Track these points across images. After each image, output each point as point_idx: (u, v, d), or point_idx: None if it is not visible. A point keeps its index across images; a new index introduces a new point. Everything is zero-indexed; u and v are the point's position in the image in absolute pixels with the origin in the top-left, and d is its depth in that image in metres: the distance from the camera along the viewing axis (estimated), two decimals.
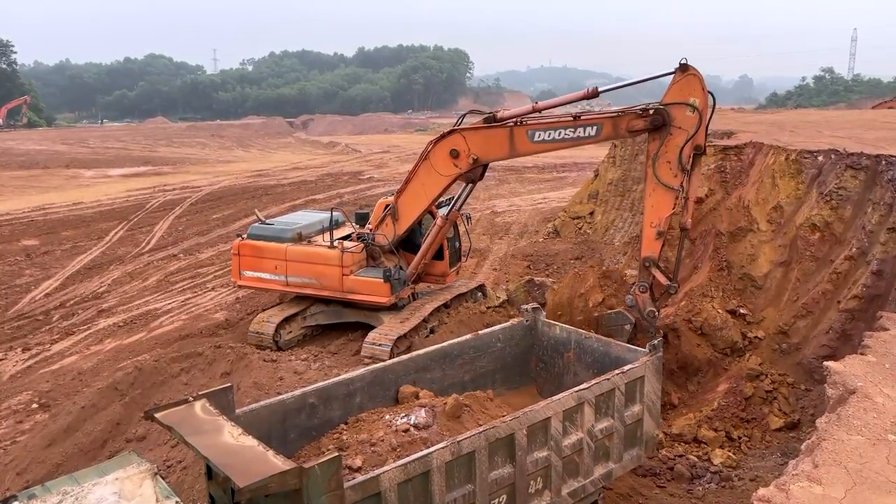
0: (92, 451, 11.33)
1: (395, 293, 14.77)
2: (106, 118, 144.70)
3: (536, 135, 11.98)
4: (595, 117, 11.62)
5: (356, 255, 14.94)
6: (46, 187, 43.57)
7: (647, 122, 10.94)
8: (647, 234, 11.33)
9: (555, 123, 11.85)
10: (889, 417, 5.74)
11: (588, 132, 11.54)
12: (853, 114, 32.75)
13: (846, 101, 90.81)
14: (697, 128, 10.66)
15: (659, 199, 11.14)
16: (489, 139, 12.65)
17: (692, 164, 10.88)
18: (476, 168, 13.29)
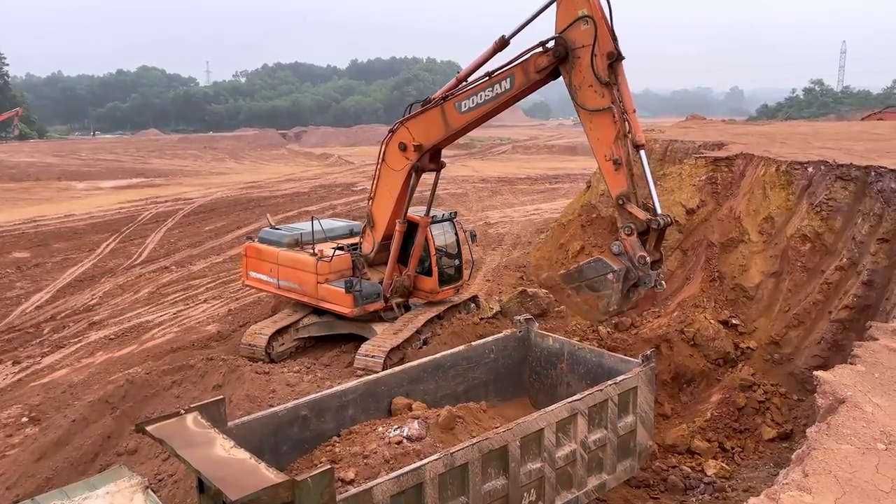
0: (82, 465, 11.25)
1: (359, 305, 14.63)
2: (98, 130, 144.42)
3: (463, 105, 11.97)
4: (505, 69, 11.21)
5: (332, 264, 15.00)
6: (38, 199, 43.43)
7: (551, 56, 10.33)
8: (605, 169, 10.14)
9: (475, 88, 11.75)
10: (878, 426, 5.77)
11: (504, 86, 11.29)
12: (843, 125, 33.02)
13: (836, 113, 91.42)
14: (596, 34, 9.79)
15: (597, 126, 10.04)
16: (426, 122, 12.75)
17: (614, 74, 9.92)
18: (424, 157, 13.26)
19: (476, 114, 11.93)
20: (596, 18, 9.80)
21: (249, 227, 33.59)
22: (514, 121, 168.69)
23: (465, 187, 46.25)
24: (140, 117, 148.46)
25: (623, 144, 9.77)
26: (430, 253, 15.24)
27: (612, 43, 9.83)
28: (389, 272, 15.01)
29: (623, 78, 10.00)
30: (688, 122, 35.43)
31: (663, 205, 15.57)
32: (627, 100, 9.96)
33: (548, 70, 10.62)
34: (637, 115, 10.04)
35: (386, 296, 15.17)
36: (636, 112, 10.03)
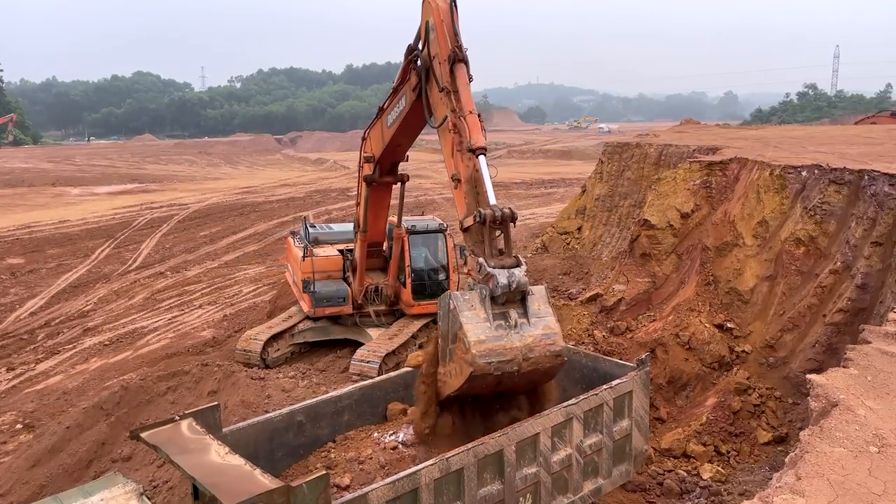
0: (77, 472, 11.21)
1: (316, 306, 15.12)
2: (93, 136, 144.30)
3: (389, 119, 11.75)
4: (399, 86, 10.80)
5: (317, 263, 15.23)
6: (32, 205, 43.32)
7: (417, 73, 9.64)
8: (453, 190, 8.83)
9: (392, 102, 11.39)
10: (870, 429, 5.79)
11: (402, 102, 10.87)
12: (836, 129, 33.17)
13: (829, 117, 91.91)
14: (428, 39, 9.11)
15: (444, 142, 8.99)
16: (375, 133, 12.74)
17: (453, 78, 8.81)
18: (376, 169, 13.27)
19: (396, 128, 11.49)
20: (436, 22, 9.00)
21: (245, 233, 33.58)
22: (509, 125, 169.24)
23: None
24: (135, 123, 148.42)
25: (463, 158, 8.36)
26: (405, 264, 15.12)
27: (451, 44, 8.83)
28: (359, 279, 15.16)
29: (462, 80, 8.77)
30: (682, 127, 35.55)
31: (658, 209, 15.71)
32: (465, 101, 8.66)
33: (418, 89, 9.72)
34: (475, 117, 8.58)
35: (358, 302, 15.26)
36: (474, 114, 8.64)
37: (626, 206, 22.44)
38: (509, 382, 7.39)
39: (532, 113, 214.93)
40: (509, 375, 7.22)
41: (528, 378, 7.47)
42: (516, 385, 7.58)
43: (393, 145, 12.32)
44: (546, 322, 7.42)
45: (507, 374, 7.19)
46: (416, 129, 11.59)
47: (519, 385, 7.62)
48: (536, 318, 7.39)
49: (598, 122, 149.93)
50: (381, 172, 13.46)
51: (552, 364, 7.44)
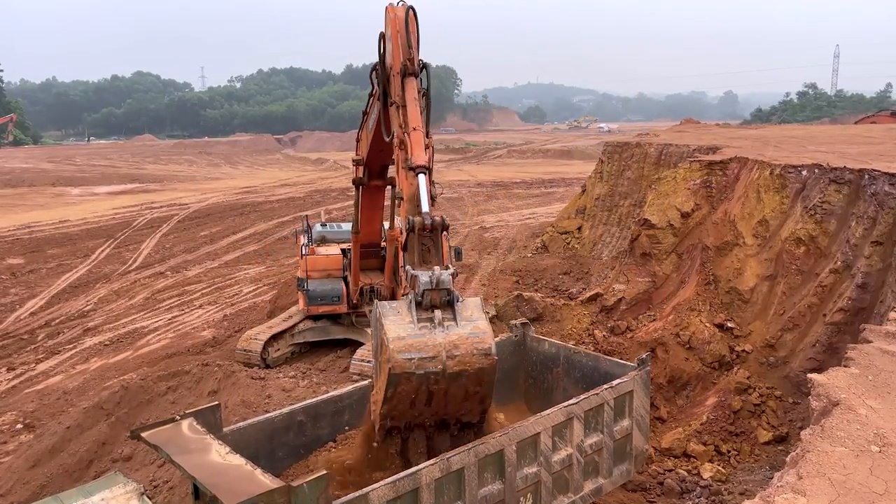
0: (77, 472, 11.21)
1: (310, 304, 15.23)
2: (93, 136, 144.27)
3: (369, 124, 11.60)
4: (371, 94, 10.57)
5: (311, 262, 15.28)
6: (32, 205, 43.33)
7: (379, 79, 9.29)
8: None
9: (370, 109, 11.27)
10: (872, 429, 5.78)
11: (374, 110, 10.59)
12: (836, 129, 33.18)
13: (829, 117, 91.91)
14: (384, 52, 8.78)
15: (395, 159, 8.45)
16: (362, 137, 12.72)
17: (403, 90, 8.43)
18: (365, 171, 13.22)
19: (374, 134, 11.31)
20: (391, 33, 8.65)
21: (245, 233, 33.58)
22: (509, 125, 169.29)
23: (460, 192, 46.30)
24: (135, 123, 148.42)
25: (407, 175, 7.92)
26: (400, 265, 15.11)
27: (403, 57, 8.48)
28: (353, 279, 15.21)
29: (410, 95, 8.38)
30: (682, 126, 35.56)
31: (658, 209, 15.70)
32: (411, 117, 8.24)
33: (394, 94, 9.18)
34: (420, 134, 8.10)
35: (354, 302, 15.31)
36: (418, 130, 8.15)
37: (627, 205, 22.43)
38: (439, 391, 6.68)
39: (532, 112, 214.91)
40: (436, 379, 6.55)
41: (459, 385, 6.68)
42: (449, 396, 6.79)
43: (375, 150, 12.17)
44: (476, 324, 6.81)
45: (433, 376, 6.52)
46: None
47: (452, 396, 6.80)
48: (466, 321, 6.82)
49: (597, 122, 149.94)
50: (371, 175, 13.43)
51: (482, 364, 6.63)
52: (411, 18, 8.53)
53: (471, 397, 6.92)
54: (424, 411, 6.93)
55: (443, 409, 6.96)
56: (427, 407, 6.86)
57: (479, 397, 6.96)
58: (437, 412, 7.01)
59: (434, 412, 6.99)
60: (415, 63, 8.47)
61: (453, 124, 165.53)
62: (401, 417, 6.95)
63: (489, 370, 6.72)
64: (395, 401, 6.71)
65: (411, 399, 6.71)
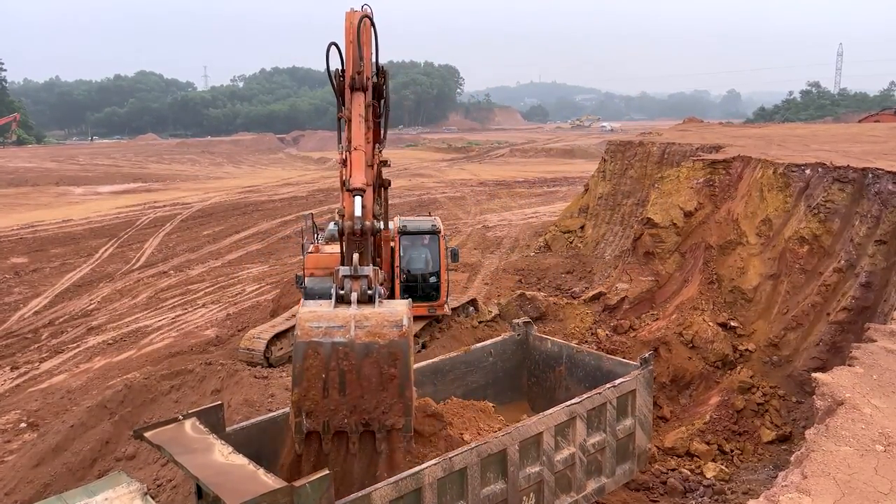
0: (81, 471, 11.22)
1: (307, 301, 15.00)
2: (96, 135, 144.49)
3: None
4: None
5: (315, 259, 15.22)
6: (36, 205, 43.41)
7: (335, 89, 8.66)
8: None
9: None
10: (877, 428, 5.77)
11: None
12: (840, 128, 33.10)
13: (833, 115, 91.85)
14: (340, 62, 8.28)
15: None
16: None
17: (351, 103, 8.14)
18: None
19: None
20: (345, 42, 8.24)
21: (248, 232, 33.61)
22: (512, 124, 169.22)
23: (462, 191, 46.27)
24: (138, 122, 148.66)
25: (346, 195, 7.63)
26: (394, 265, 14.92)
27: (352, 69, 8.10)
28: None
29: (356, 111, 8.04)
30: (685, 125, 35.52)
31: (661, 208, 15.69)
32: (354, 134, 7.92)
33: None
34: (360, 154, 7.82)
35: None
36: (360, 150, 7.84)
37: (629, 204, 22.42)
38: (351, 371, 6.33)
39: (534, 111, 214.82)
40: (345, 353, 6.27)
41: (371, 362, 6.34)
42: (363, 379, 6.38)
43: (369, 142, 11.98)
44: (392, 307, 6.67)
45: (341, 348, 6.26)
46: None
47: (367, 379, 6.38)
48: (383, 307, 6.67)
49: (600, 121, 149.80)
50: None
51: (392, 337, 6.35)
52: (365, 27, 8.17)
53: (387, 384, 6.42)
54: (340, 404, 6.41)
55: (359, 398, 6.41)
56: (342, 396, 6.39)
57: (396, 385, 6.43)
58: (355, 406, 6.44)
59: (351, 406, 6.43)
60: (364, 76, 8.09)
61: (456, 123, 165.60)
62: (315, 411, 6.41)
63: (401, 343, 6.38)
64: (304, 382, 6.31)
65: (322, 381, 6.33)
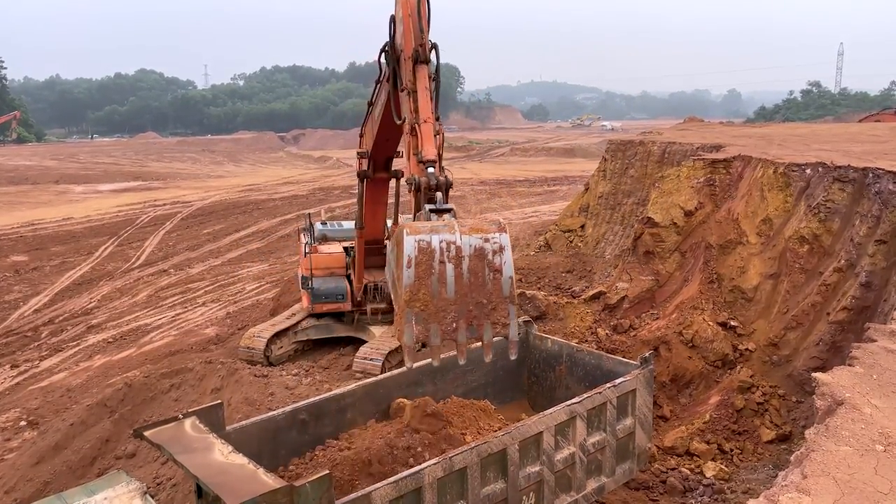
0: (81, 469, 11.24)
1: (314, 302, 15.12)
2: (96, 133, 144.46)
3: (375, 112, 11.48)
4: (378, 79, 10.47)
5: (314, 260, 15.23)
6: (36, 203, 43.41)
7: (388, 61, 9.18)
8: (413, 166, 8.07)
9: (377, 97, 11.05)
10: (877, 428, 5.76)
11: (383, 95, 10.42)
12: (840, 127, 33.08)
13: (833, 115, 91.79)
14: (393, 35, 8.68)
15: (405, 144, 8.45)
16: (367, 129, 12.61)
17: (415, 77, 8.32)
18: (372, 164, 13.16)
19: (380, 123, 11.20)
20: (403, 16, 8.50)
21: (248, 231, 33.61)
22: (512, 123, 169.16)
23: (463, 190, 46.27)
24: (138, 120, 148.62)
25: (416, 163, 7.97)
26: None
27: (416, 42, 8.36)
28: (357, 276, 15.14)
29: (423, 83, 8.31)
30: (686, 125, 35.49)
31: (662, 207, 15.68)
32: (423, 107, 8.19)
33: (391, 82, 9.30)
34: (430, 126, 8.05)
35: (358, 299, 15.28)
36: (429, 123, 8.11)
37: (630, 203, 22.39)
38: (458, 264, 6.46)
39: (535, 111, 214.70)
40: (448, 245, 6.46)
41: (477, 257, 6.53)
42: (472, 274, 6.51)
43: (382, 139, 12.01)
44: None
45: (446, 242, 6.46)
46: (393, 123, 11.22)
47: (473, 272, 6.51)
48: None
49: (601, 120, 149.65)
50: (376, 168, 13.39)
51: (494, 231, 6.64)
52: (423, 1, 8.36)
53: (493, 279, 6.55)
54: (448, 304, 6.47)
55: (465, 295, 6.50)
56: (451, 294, 6.46)
57: (500, 280, 6.57)
58: (462, 305, 6.50)
59: (459, 306, 6.49)
60: (426, 49, 8.32)
61: (456, 122, 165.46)
62: (425, 313, 6.43)
63: (503, 237, 6.63)
64: (415, 280, 6.38)
65: (430, 276, 6.41)
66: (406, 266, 6.38)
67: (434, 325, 6.44)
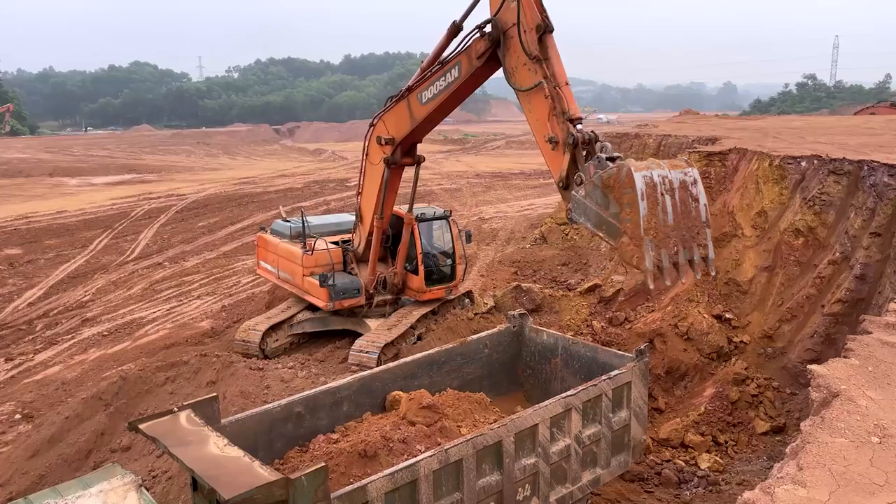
0: (76, 462, 11.22)
1: (334, 299, 14.76)
2: (90, 126, 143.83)
3: (423, 96, 11.76)
4: (453, 57, 10.91)
5: (318, 258, 15.06)
6: (30, 196, 43.22)
7: (488, 39, 9.93)
8: (544, 150, 9.28)
9: (431, 78, 11.50)
10: (872, 420, 5.78)
11: (454, 74, 11.00)
12: (835, 120, 33.12)
13: (829, 108, 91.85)
14: (519, 7, 9.33)
15: (533, 106, 9.38)
16: (396, 115, 12.66)
17: (544, 48, 9.27)
18: (396, 150, 13.18)
19: (434, 104, 11.65)
20: None
21: (243, 224, 33.53)
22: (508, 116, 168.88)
23: (458, 183, 46.22)
24: (132, 113, 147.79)
25: (559, 122, 8.97)
26: (417, 251, 15.14)
27: (540, 15, 9.24)
28: (371, 269, 15.04)
29: (554, 51, 9.32)
30: (681, 117, 35.51)
31: None
32: (559, 72, 9.21)
33: (486, 55, 10.15)
34: (569, 88, 9.24)
35: (369, 292, 15.16)
36: (569, 85, 9.26)
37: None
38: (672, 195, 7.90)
39: None
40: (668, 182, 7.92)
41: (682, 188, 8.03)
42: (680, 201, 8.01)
43: (426, 122, 12.42)
44: None
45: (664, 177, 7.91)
46: (460, 101, 11.87)
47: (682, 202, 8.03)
48: None
49: (596, 113, 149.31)
50: (403, 153, 13.43)
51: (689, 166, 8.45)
52: None
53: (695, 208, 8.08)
54: (670, 231, 7.81)
55: (677, 224, 7.89)
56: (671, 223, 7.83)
57: (698, 209, 8.11)
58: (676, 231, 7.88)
59: (675, 232, 7.86)
60: (549, 20, 9.24)
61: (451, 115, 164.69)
62: (656, 235, 7.68)
63: (695, 171, 8.33)
64: (648, 210, 7.61)
65: (655, 206, 7.69)
66: (640, 199, 7.58)
67: (663, 249, 7.71)
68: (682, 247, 7.92)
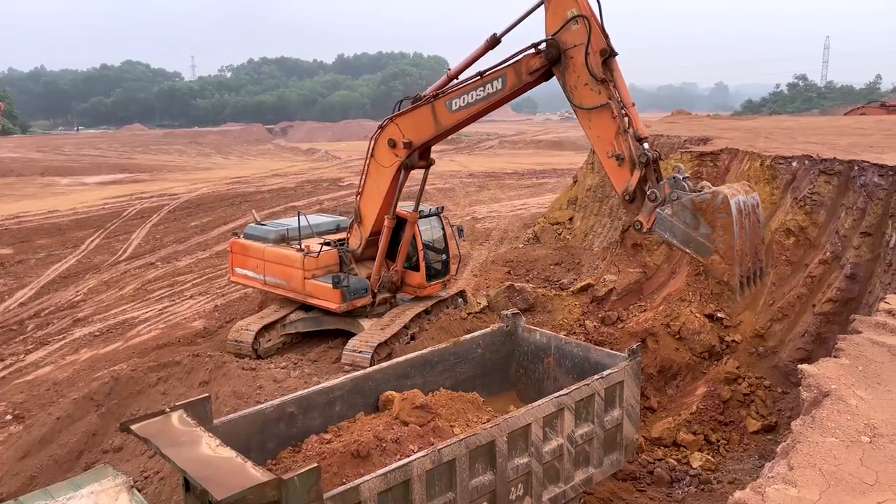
0: (67, 463, 11.17)
1: (347, 300, 14.65)
2: (82, 125, 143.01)
3: (454, 104, 11.95)
4: (497, 70, 11.24)
5: (318, 260, 14.95)
6: (21, 195, 42.98)
7: (544, 58, 10.42)
8: (609, 166, 10.06)
9: (466, 87, 11.73)
10: (862, 419, 5.82)
11: (496, 86, 11.33)
12: (826, 120, 33.29)
13: (819, 108, 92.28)
14: (590, 33, 9.89)
15: (596, 124, 10.05)
16: (417, 120, 12.70)
17: (608, 70, 9.98)
18: (413, 154, 13.22)
19: (467, 112, 11.91)
20: (588, 16, 9.94)
21: (235, 223, 33.43)
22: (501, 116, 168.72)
23: (452, 182, 46.22)
24: (124, 112, 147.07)
25: (624, 139, 9.74)
26: (418, 248, 15.26)
27: (605, 40, 9.91)
28: (377, 267, 14.99)
29: (618, 73, 10.04)
30: (673, 118, 35.59)
31: None
32: (625, 94, 9.96)
33: (540, 72, 10.67)
34: (635, 109, 9.99)
35: (374, 291, 15.15)
36: (635, 106, 10.00)
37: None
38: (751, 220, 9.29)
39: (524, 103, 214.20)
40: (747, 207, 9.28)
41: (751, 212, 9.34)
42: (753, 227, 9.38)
43: (453, 129, 12.76)
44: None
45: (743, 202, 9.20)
46: (493, 109, 12.28)
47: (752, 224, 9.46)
48: None
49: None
50: (420, 156, 13.55)
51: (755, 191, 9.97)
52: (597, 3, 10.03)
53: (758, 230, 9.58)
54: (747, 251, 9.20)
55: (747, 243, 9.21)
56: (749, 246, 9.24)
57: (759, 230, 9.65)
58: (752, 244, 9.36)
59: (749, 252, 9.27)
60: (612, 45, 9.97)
61: None
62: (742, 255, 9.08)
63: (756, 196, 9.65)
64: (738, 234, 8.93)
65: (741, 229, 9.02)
66: (735, 224, 8.90)
67: (745, 266, 9.19)
68: (752, 263, 9.33)
